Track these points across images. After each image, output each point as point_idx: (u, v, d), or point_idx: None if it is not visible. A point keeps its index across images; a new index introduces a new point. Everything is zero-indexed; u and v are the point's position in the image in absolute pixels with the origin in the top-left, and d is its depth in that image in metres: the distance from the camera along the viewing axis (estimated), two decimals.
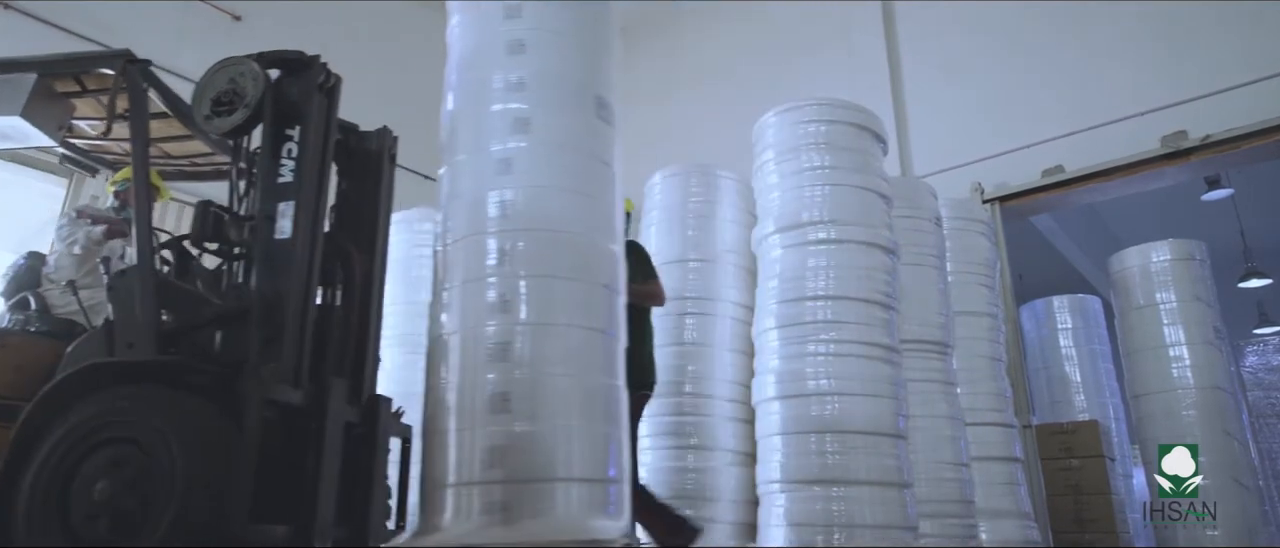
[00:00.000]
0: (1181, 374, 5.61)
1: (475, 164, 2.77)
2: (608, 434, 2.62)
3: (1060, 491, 5.65)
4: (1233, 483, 5.22)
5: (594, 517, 2.50)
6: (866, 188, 4.05)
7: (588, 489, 2.52)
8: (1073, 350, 7.37)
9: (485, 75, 2.86)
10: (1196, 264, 5.92)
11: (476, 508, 2.40)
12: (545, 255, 2.66)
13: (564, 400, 2.53)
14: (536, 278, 2.62)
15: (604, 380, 2.68)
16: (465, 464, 2.45)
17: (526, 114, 2.76)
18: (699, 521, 3.53)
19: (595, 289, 2.73)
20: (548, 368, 2.54)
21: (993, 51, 6.29)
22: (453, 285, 2.68)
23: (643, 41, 8.60)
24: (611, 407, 2.67)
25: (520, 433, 2.45)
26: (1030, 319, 7.63)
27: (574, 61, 2.91)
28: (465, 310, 2.62)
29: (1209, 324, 5.72)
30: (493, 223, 2.67)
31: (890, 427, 3.64)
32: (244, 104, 2.56)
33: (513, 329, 2.55)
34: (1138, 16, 5.70)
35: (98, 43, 5.47)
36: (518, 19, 2.87)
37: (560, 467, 2.47)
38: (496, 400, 2.48)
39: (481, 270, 2.63)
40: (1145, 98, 5.47)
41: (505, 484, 2.42)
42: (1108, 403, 7.15)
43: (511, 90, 2.79)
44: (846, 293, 3.81)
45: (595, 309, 2.71)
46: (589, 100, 2.87)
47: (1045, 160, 5.76)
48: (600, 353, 2.69)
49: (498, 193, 2.69)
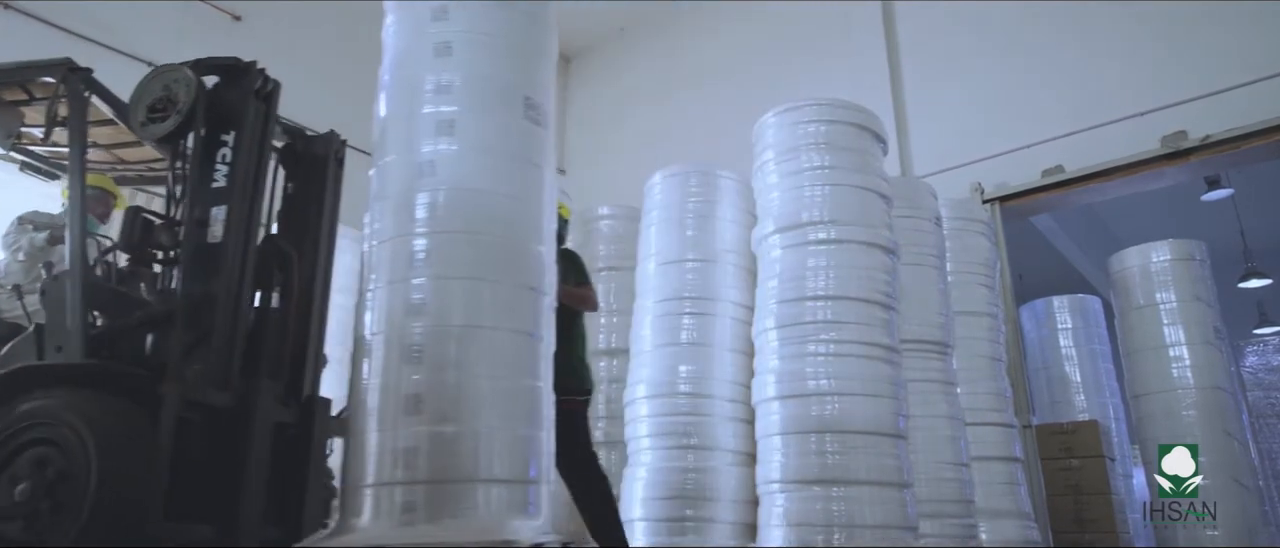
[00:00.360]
0: (1181, 374, 5.61)
1: (401, 166, 2.78)
2: (528, 436, 2.63)
3: (1060, 491, 5.65)
4: (1233, 483, 5.22)
5: (511, 517, 2.50)
6: (866, 188, 4.05)
7: (505, 490, 2.53)
8: (1073, 350, 7.38)
9: (413, 77, 2.88)
10: (1196, 264, 5.93)
11: (389, 509, 2.42)
12: (466, 257, 2.67)
13: (481, 402, 2.54)
14: (456, 280, 2.64)
15: (526, 383, 2.69)
16: (380, 465, 2.46)
17: (451, 116, 2.77)
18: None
19: (519, 291, 2.73)
20: (466, 370, 2.55)
21: (993, 51, 6.29)
22: (376, 287, 2.70)
23: (643, 41, 8.61)
24: (533, 409, 2.67)
25: (433, 434, 2.47)
26: (1030, 319, 7.63)
27: (502, 64, 2.91)
28: (385, 312, 2.64)
29: (1209, 324, 5.72)
30: (415, 225, 2.68)
31: (890, 427, 3.64)
32: (176, 110, 2.61)
33: (428, 331, 2.56)
34: (1138, 16, 5.70)
35: (99, 43, 5.47)
36: (444, 21, 2.88)
37: (475, 468, 2.48)
38: (410, 402, 2.49)
39: (402, 272, 2.65)
40: (1145, 98, 5.47)
41: (417, 485, 2.43)
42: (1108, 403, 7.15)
43: (438, 92, 2.80)
44: (846, 293, 3.81)
45: (518, 311, 2.71)
46: (517, 102, 2.87)
47: (1045, 160, 5.76)
48: (523, 355, 2.69)
49: (421, 195, 2.70)
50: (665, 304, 4.32)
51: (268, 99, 2.76)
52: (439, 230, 2.66)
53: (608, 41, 8.88)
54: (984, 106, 6.19)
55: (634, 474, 4.06)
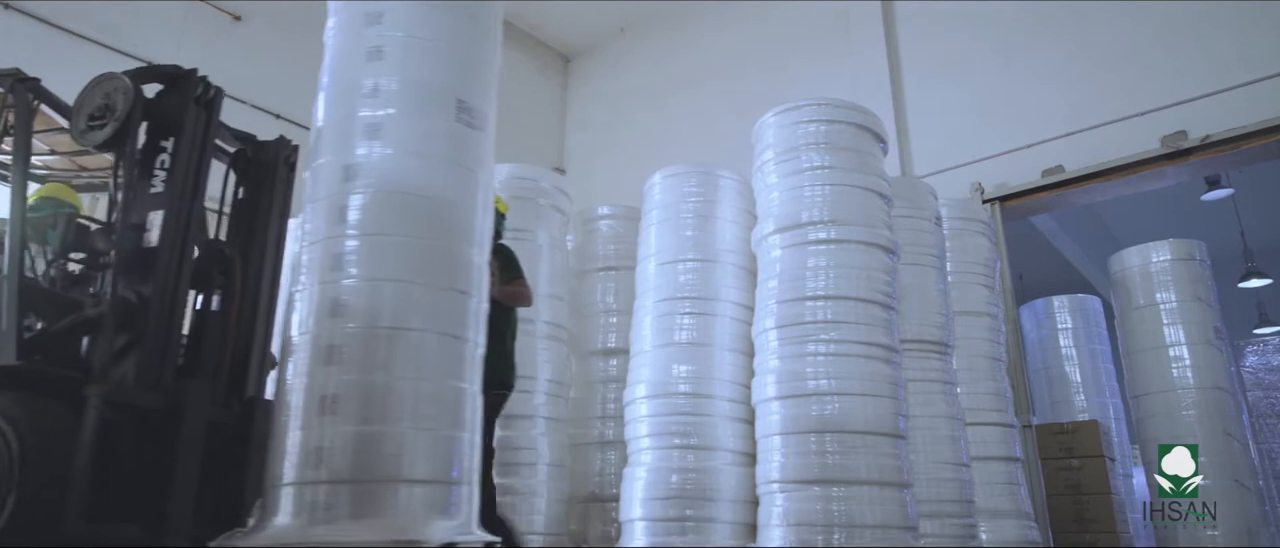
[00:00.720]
0: (1181, 374, 5.61)
1: (331, 168, 2.80)
2: (451, 437, 2.65)
3: (1060, 491, 5.65)
4: (1233, 483, 5.22)
5: (432, 517, 2.53)
6: (866, 188, 4.05)
7: (426, 490, 2.56)
8: (1073, 350, 7.38)
9: (346, 80, 2.91)
10: (1196, 264, 5.92)
11: (305, 508, 2.44)
12: (392, 260, 2.69)
13: (403, 403, 2.56)
14: (381, 282, 2.66)
15: (452, 384, 2.71)
16: (297, 464, 2.49)
17: (381, 119, 2.80)
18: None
19: (447, 294, 2.75)
20: (389, 371, 2.57)
21: (993, 51, 6.29)
22: (302, 288, 2.73)
23: (643, 41, 8.61)
24: (457, 410, 2.70)
25: (350, 434, 2.49)
26: (1030, 319, 7.63)
27: (434, 67, 2.93)
28: (309, 313, 2.66)
29: (1209, 324, 5.72)
30: (342, 227, 2.71)
31: (890, 427, 3.64)
32: (114, 118, 2.68)
33: (348, 332, 2.59)
34: (1137, 16, 5.70)
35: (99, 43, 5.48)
36: (378, 25, 2.90)
37: (394, 468, 2.51)
38: (327, 402, 2.52)
39: (327, 273, 2.68)
40: (1145, 98, 5.47)
41: (333, 485, 2.46)
42: (1108, 403, 7.15)
43: (368, 96, 2.83)
44: (846, 293, 3.81)
45: (445, 314, 2.73)
46: (449, 105, 2.89)
47: (1045, 160, 5.76)
48: (449, 357, 2.71)
49: (349, 197, 2.73)
50: (665, 304, 4.32)
51: (209, 106, 2.84)
52: (366, 233, 2.69)
53: (608, 41, 8.88)
54: (984, 106, 6.19)
55: (634, 474, 4.06)
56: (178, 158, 2.71)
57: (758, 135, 4.37)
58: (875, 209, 4.04)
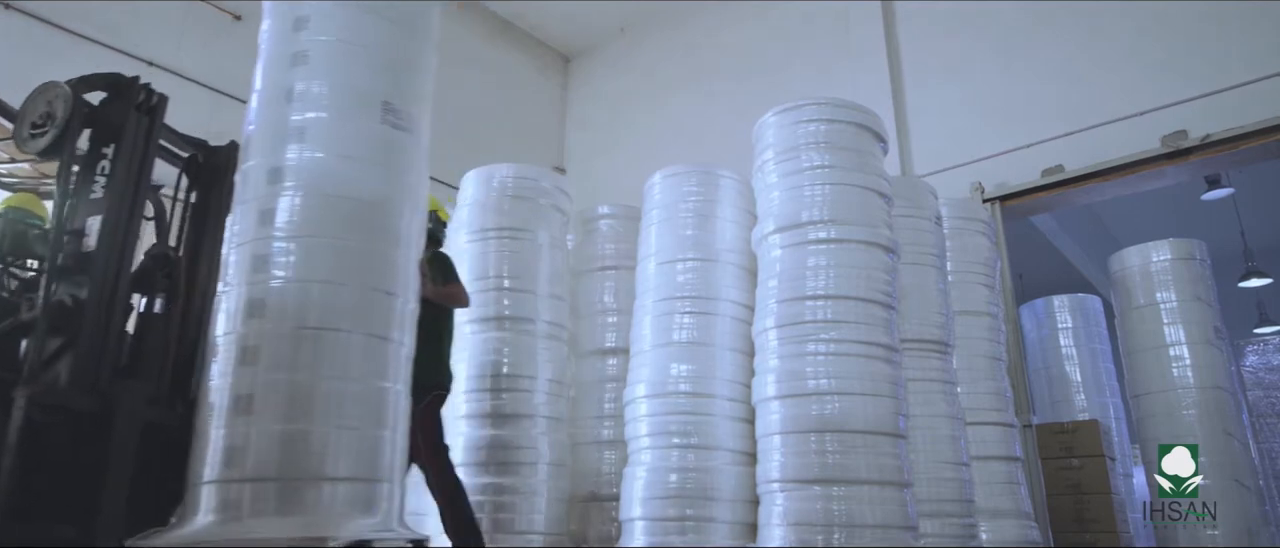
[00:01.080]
0: (1182, 374, 5.61)
1: (258, 171, 2.85)
2: (374, 436, 2.69)
3: (1061, 490, 5.65)
4: (1233, 483, 5.22)
5: (353, 515, 2.56)
6: (866, 187, 4.05)
7: (347, 488, 2.59)
8: (1073, 350, 7.38)
9: (274, 82, 2.96)
10: (1196, 264, 5.92)
11: (223, 506, 2.49)
12: (315, 261, 2.73)
13: (325, 402, 2.60)
14: (303, 283, 2.70)
15: (376, 384, 2.74)
16: (213, 464, 2.54)
17: (305, 122, 2.85)
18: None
19: (371, 295, 2.79)
20: (311, 371, 2.61)
21: (993, 51, 6.29)
22: (227, 289, 2.78)
23: (643, 41, 8.61)
24: (380, 409, 2.73)
25: (268, 433, 2.54)
26: (1030, 319, 7.63)
27: (360, 69, 2.96)
28: (231, 314, 2.71)
29: (1209, 324, 5.72)
30: (267, 229, 2.76)
31: (890, 426, 3.64)
32: (55, 125, 2.74)
33: (267, 332, 2.64)
34: (1137, 17, 5.70)
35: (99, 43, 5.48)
36: (304, 28, 2.95)
37: (315, 466, 2.55)
38: (243, 402, 2.57)
39: (250, 275, 2.73)
40: (1145, 98, 5.47)
41: (251, 483, 2.50)
42: (1108, 403, 7.15)
43: (293, 99, 2.88)
44: (846, 293, 3.81)
45: (370, 314, 2.77)
46: (375, 107, 2.92)
47: (1045, 160, 5.76)
48: (373, 357, 2.75)
49: (275, 200, 2.78)
50: (665, 304, 4.32)
51: (152, 112, 2.88)
52: (290, 235, 2.74)
53: (608, 41, 8.88)
54: (984, 106, 6.19)
55: (633, 474, 4.06)
56: (117, 164, 2.77)
57: (758, 135, 4.37)
58: (875, 209, 4.04)
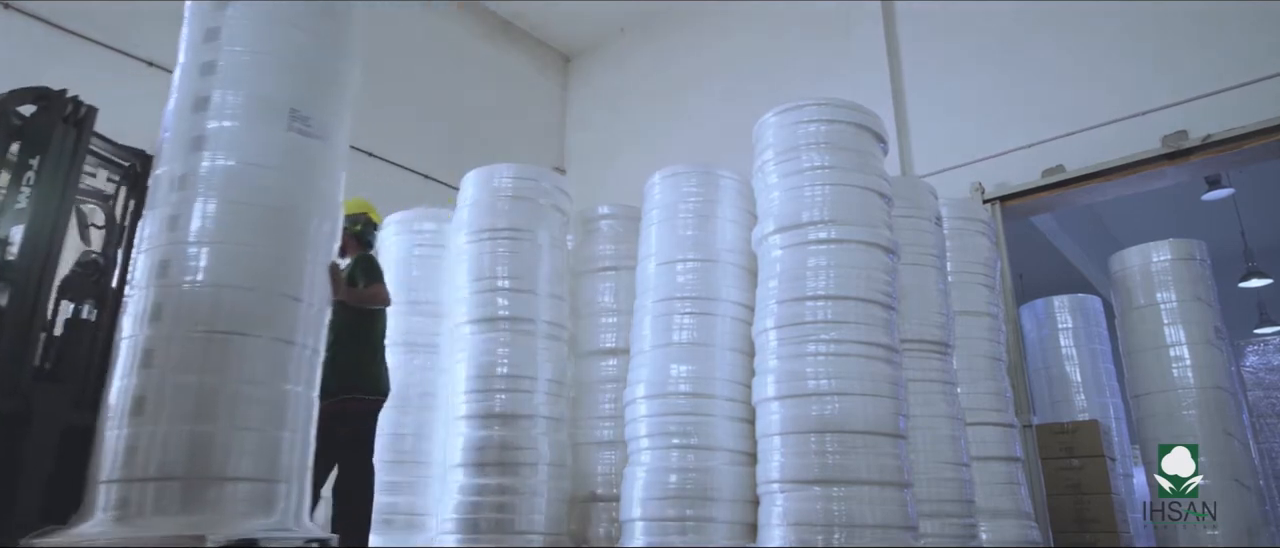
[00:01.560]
0: (1182, 374, 5.61)
1: (167, 178, 2.93)
2: (275, 437, 2.75)
3: (1061, 490, 5.65)
4: (1233, 483, 5.23)
5: (251, 516, 2.61)
6: (866, 188, 4.05)
7: (248, 488, 2.65)
8: (1073, 350, 7.37)
9: (184, 91, 3.03)
10: (1197, 264, 5.92)
11: (112, 505, 2.54)
12: (218, 266, 2.80)
13: (221, 404, 2.66)
14: (207, 287, 2.77)
15: (280, 387, 2.80)
16: (110, 464, 2.59)
17: (212, 130, 2.92)
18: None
19: (276, 299, 2.85)
20: (206, 373, 2.67)
21: (993, 51, 6.29)
22: (132, 293, 2.84)
23: (643, 41, 8.61)
24: (280, 411, 2.79)
25: (160, 434, 2.59)
26: (1030, 319, 7.62)
27: (266, 78, 3.03)
28: (135, 317, 2.77)
29: (1209, 324, 5.72)
30: (173, 235, 2.83)
31: (890, 427, 3.64)
32: None
33: (163, 335, 2.70)
34: (1137, 16, 5.70)
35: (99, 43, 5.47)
36: (214, 39, 3.03)
37: (206, 467, 2.60)
38: (139, 404, 2.63)
39: (155, 279, 2.79)
40: (1145, 98, 5.47)
41: (141, 483, 2.56)
42: (1108, 403, 7.15)
43: (202, 108, 2.95)
44: (846, 293, 3.81)
45: (273, 318, 2.83)
46: (281, 115, 2.98)
47: (1045, 160, 5.76)
48: (275, 360, 2.81)
49: (181, 206, 2.85)
50: (665, 304, 4.32)
51: (80, 124, 2.97)
52: (195, 241, 2.80)
53: (608, 41, 8.89)
54: (984, 106, 6.19)
55: (633, 474, 4.06)
56: (42, 174, 2.85)
57: (758, 135, 4.37)
58: (875, 209, 4.04)
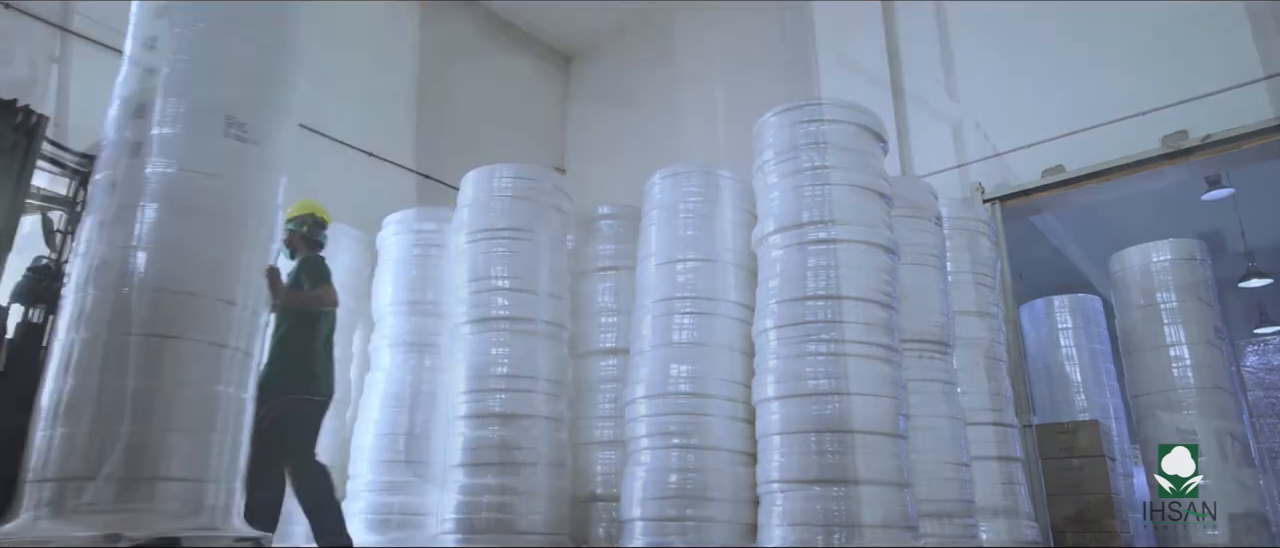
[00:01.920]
0: (1182, 374, 5.61)
1: (104, 184, 2.99)
2: (205, 438, 2.80)
3: (1061, 490, 5.64)
4: (1233, 483, 5.22)
5: (176, 516, 2.65)
6: (866, 188, 4.05)
7: (179, 487, 2.70)
8: (1073, 350, 7.36)
9: (124, 98, 3.09)
10: (1197, 264, 5.92)
11: (40, 504, 2.60)
12: (151, 270, 2.85)
13: (149, 405, 2.71)
14: (137, 292, 2.81)
15: (214, 389, 2.86)
16: (38, 463, 2.65)
17: (149, 137, 2.97)
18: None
19: (209, 303, 2.90)
20: (136, 375, 2.72)
21: (993, 51, 6.29)
22: (69, 295, 2.89)
23: (643, 41, 8.60)
24: (212, 412, 2.85)
25: (88, 434, 2.64)
26: (1030, 319, 7.62)
27: (202, 84, 3.09)
28: (69, 319, 2.83)
29: (1209, 324, 5.72)
30: (107, 240, 2.88)
31: (890, 426, 3.64)
32: None
33: (88, 339, 2.76)
34: (1137, 17, 5.70)
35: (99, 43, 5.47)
36: (153, 47, 3.10)
37: (136, 467, 2.65)
38: (70, 405, 2.69)
39: (91, 284, 2.84)
40: (1145, 98, 5.47)
41: (63, 483, 2.61)
42: (1108, 403, 7.13)
43: (139, 114, 3.01)
44: (846, 293, 3.81)
45: (205, 321, 2.88)
46: (217, 121, 3.05)
47: (1045, 160, 5.76)
48: (206, 362, 2.86)
49: (118, 211, 2.90)
50: (664, 304, 4.32)
51: (30, 132, 3.02)
52: (130, 245, 2.85)
53: (608, 41, 8.88)
54: (984, 106, 6.19)
55: (633, 474, 4.06)
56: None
57: (758, 135, 4.37)
58: (875, 209, 4.04)
